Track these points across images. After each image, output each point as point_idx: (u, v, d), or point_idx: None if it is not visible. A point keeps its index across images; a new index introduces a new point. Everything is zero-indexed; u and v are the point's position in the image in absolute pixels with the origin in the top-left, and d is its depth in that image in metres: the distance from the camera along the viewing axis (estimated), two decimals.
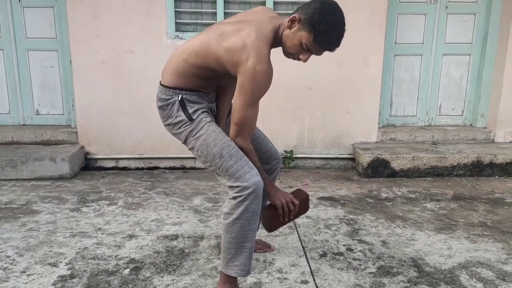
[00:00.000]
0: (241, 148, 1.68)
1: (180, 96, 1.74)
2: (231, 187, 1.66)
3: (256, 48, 1.55)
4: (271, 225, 1.88)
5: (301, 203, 1.86)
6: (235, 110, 1.63)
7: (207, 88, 1.79)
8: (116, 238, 2.39)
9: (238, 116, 1.62)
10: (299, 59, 1.67)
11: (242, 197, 1.62)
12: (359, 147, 3.80)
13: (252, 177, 1.63)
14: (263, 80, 1.57)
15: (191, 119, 1.73)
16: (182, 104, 1.74)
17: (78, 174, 3.64)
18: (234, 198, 1.65)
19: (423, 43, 4.05)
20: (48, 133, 3.80)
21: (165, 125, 1.83)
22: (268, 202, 1.82)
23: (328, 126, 3.88)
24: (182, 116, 1.74)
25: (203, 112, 1.76)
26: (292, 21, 1.61)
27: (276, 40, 1.68)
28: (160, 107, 1.80)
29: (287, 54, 1.69)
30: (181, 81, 1.73)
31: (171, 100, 1.75)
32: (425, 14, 3.98)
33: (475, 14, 4.00)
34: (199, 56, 1.67)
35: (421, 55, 4.07)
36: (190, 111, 1.74)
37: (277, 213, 1.80)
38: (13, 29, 3.80)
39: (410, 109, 4.20)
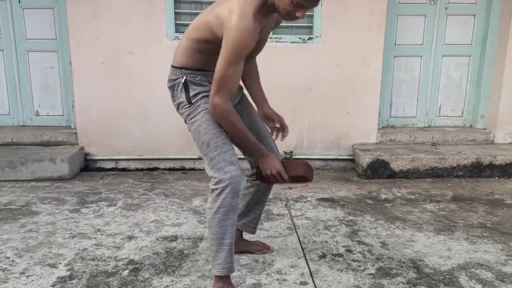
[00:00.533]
0: (219, 108, 1.65)
1: (184, 77, 1.80)
2: (211, 177, 1.74)
3: (240, 7, 1.58)
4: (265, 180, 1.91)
5: (299, 177, 1.85)
6: (216, 68, 1.63)
7: (211, 65, 1.74)
8: (116, 239, 2.39)
9: (218, 74, 1.62)
10: (296, 18, 1.64)
11: (219, 190, 1.69)
12: (358, 148, 3.80)
13: (231, 171, 1.69)
14: (244, 36, 1.56)
15: (190, 103, 1.79)
16: (185, 86, 1.80)
17: (78, 175, 3.65)
18: (212, 191, 1.72)
19: (422, 44, 4.05)
20: (48, 134, 3.80)
21: (174, 106, 1.91)
22: None
23: (327, 127, 3.88)
24: (183, 97, 1.81)
25: (203, 96, 1.79)
26: None
27: (268, 7, 1.67)
28: (169, 88, 1.89)
29: (284, 16, 1.67)
30: (187, 59, 1.80)
31: (177, 80, 1.83)
32: (425, 15, 3.99)
33: (474, 15, 4.00)
34: (198, 30, 1.74)
35: (421, 56, 4.07)
36: (191, 93, 1.80)
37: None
38: (13, 30, 3.81)
39: (409, 110, 4.20)
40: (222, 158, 1.70)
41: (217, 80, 1.62)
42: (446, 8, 3.97)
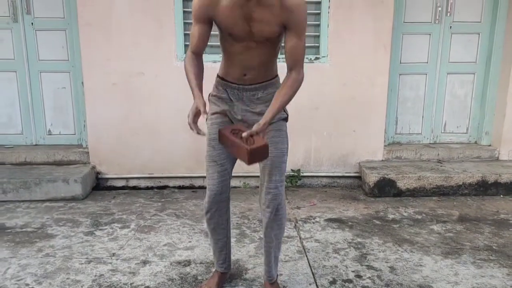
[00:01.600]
0: (185, 56, 1.91)
1: (209, 94, 2.03)
2: None
3: None
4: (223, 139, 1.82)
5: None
6: None
7: (234, 62, 1.89)
8: (131, 264, 2.46)
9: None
10: None
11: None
12: (365, 166, 3.86)
13: (210, 187, 1.96)
14: (194, 1, 1.79)
15: (206, 119, 1.89)
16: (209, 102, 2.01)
17: (90, 194, 3.72)
18: None
19: (427, 62, 4.11)
20: (60, 154, 3.88)
21: None
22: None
23: (334, 145, 3.94)
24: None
25: (213, 114, 1.97)
26: None
27: None
28: None
29: None
30: (221, 61, 1.97)
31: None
32: (430, 34, 4.05)
33: (479, 34, 4.06)
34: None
35: (426, 74, 4.13)
36: (209, 112, 1.96)
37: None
38: (26, 52, 3.90)
39: (415, 127, 4.26)
40: (207, 183, 1.98)
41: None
42: (451, 27, 4.04)
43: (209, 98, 2.02)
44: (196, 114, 1.79)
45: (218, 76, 1.99)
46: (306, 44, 3.78)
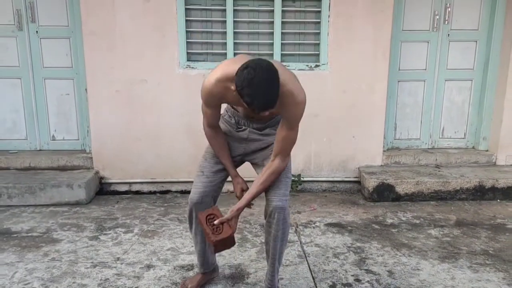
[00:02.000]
0: (203, 127, 2.08)
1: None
2: None
3: (210, 73, 1.87)
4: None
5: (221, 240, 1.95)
6: None
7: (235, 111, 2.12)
8: (135, 269, 2.52)
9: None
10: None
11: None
12: (364, 171, 3.92)
13: (191, 195, 2.09)
14: (202, 91, 1.90)
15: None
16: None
17: (94, 199, 3.78)
18: None
19: (425, 69, 4.18)
20: (64, 159, 3.95)
21: None
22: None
23: (334, 151, 4.01)
24: None
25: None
26: (235, 91, 1.71)
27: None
28: None
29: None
30: None
31: None
32: (428, 42, 4.12)
33: (476, 41, 4.13)
34: None
35: (424, 81, 4.20)
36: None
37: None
38: (30, 59, 3.96)
39: (414, 132, 4.32)
40: (193, 184, 2.12)
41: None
42: (449, 34, 4.11)
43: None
44: (240, 191, 2.17)
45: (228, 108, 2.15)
46: (307, 52, 3.89)
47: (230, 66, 1.80)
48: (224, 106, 2.06)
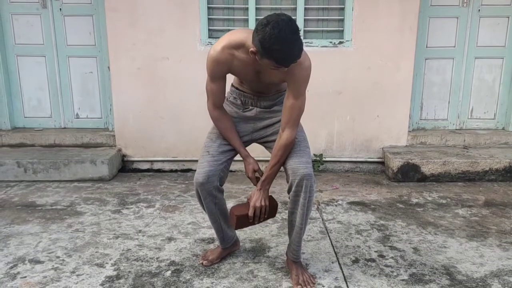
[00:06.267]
0: (209, 111, 2.05)
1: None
2: None
3: (216, 43, 1.86)
4: (238, 223, 2.06)
5: (270, 211, 2.08)
6: None
7: (242, 86, 2.10)
8: (156, 241, 2.52)
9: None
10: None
11: None
12: (389, 151, 3.82)
13: (195, 175, 2.01)
14: (207, 62, 1.88)
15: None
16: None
17: (116, 176, 3.81)
18: None
19: (455, 47, 4.03)
20: (88, 136, 3.99)
21: None
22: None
23: (357, 130, 3.92)
24: None
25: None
26: (253, 53, 1.70)
27: (246, 50, 1.80)
28: None
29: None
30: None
31: None
32: (457, 18, 3.96)
33: (508, 17, 3.95)
34: None
35: (453, 59, 4.05)
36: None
37: (247, 213, 2.02)
38: (54, 37, 4.00)
39: (441, 112, 4.19)
40: (198, 162, 2.06)
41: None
42: (479, 10, 3.94)
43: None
44: (252, 171, 2.11)
45: (232, 85, 2.13)
46: (330, 28, 3.79)
47: (234, 34, 1.84)
48: (227, 90, 2.07)
